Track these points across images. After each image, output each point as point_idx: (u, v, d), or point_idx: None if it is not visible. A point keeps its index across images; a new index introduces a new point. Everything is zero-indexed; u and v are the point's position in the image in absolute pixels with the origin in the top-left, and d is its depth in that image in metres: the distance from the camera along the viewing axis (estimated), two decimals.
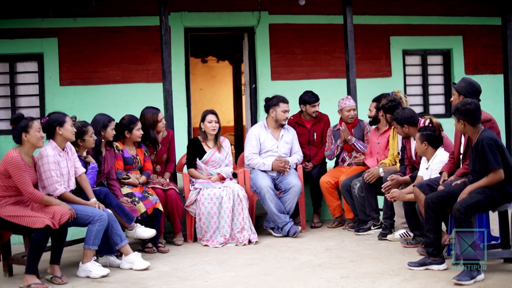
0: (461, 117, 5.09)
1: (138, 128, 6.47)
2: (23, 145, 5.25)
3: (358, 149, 7.17)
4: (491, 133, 5.06)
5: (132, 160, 6.47)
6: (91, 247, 5.44)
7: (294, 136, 7.31)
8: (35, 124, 5.24)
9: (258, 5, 9.24)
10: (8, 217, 5.18)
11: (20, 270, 5.46)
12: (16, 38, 8.53)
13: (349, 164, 7.30)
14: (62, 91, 8.56)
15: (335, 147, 7.27)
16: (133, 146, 6.55)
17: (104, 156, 6.15)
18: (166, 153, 6.88)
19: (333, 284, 4.98)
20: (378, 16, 9.60)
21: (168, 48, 7.19)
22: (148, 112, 6.70)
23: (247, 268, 5.60)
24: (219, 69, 14.71)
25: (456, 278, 4.83)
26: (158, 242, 6.37)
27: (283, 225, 6.74)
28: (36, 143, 5.26)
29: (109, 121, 6.17)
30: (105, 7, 8.67)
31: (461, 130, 5.19)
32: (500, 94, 8.76)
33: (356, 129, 7.32)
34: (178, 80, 8.78)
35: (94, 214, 5.43)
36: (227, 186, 6.69)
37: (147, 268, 5.57)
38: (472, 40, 10.04)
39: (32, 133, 5.21)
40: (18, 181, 5.12)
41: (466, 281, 4.79)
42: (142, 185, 6.44)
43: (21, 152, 5.22)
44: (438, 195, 5.20)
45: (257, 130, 7.26)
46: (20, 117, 5.26)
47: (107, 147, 6.25)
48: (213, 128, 6.90)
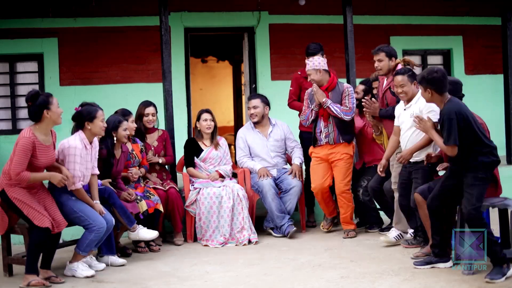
0: (428, 85, 5.05)
1: (132, 120, 6.45)
2: (42, 122, 5.12)
3: (335, 113, 6.47)
4: (455, 105, 4.99)
5: (129, 155, 6.42)
6: (81, 253, 5.42)
7: (287, 131, 7.18)
8: (55, 100, 5.16)
9: (258, 5, 9.23)
10: (16, 199, 5.09)
11: (20, 270, 5.45)
12: (16, 38, 8.52)
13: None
14: (62, 91, 8.54)
15: (309, 112, 6.64)
16: (128, 141, 6.47)
17: (118, 159, 6.12)
18: (163, 150, 6.88)
19: (333, 284, 4.98)
20: (378, 16, 9.59)
21: (168, 48, 7.19)
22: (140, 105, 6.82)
23: (247, 268, 5.60)
24: (219, 69, 14.70)
25: (489, 276, 4.82)
26: (150, 242, 6.39)
27: (281, 225, 6.74)
28: (57, 119, 5.17)
29: (119, 121, 6.10)
30: (105, 7, 8.66)
31: (429, 100, 5.14)
32: (500, 94, 8.76)
33: (334, 92, 6.58)
34: (178, 80, 8.77)
35: (94, 222, 5.38)
36: (227, 185, 6.70)
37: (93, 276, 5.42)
38: (472, 40, 10.03)
39: (53, 109, 5.12)
40: (15, 160, 5.01)
41: (498, 279, 4.80)
42: (143, 185, 6.44)
43: (37, 131, 5.10)
44: (435, 197, 5.18)
45: (243, 132, 7.23)
46: (37, 94, 5.13)
47: (123, 148, 6.22)
48: (208, 126, 6.92)
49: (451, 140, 4.91)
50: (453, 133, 4.90)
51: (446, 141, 4.94)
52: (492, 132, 5.44)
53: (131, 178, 6.35)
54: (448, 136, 4.92)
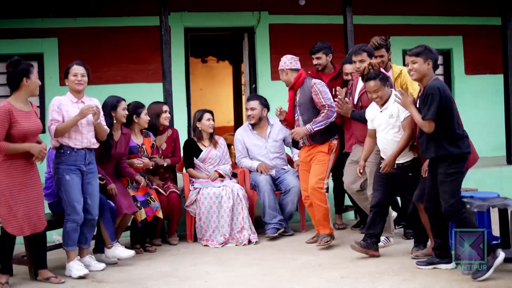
0: (430, 55, 4.97)
1: (146, 112, 6.44)
2: (20, 91, 5.03)
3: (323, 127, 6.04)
4: (440, 83, 4.95)
5: (137, 149, 6.38)
6: (66, 248, 5.40)
7: (286, 128, 6.77)
8: (35, 70, 5.11)
9: (258, 5, 9.24)
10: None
11: (21, 270, 5.46)
12: (16, 38, 8.53)
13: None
14: (62, 91, 8.42)
15: None
16: (140, 134, 6.49)
17: (117, 140, 6.05)
18: (171, 152, 6.87)
19: (333, 284, 4.98)
20: (378, 16, 9.60)
21: (168, 48, 7.20)
22: (154, 105, 6.76)
23: (247, 268, 5.60)
24: (219, 69, 14.71)
25: (474, 276, 4.84)
26: (146, 243, 6.41)
27: (269, 222, 6.63)
28: (34, 90, 5.11)
29: (118, 101, 6.08)
30: (105, 7, 8.67)
31: (424, 72, 4.97)
32: (500, 94, 8.76)
33: (301, 89, 6.19)
34: (178, 80, 8.77)
35: (70, 212, 5.34)
36: (226, 185, 6.70)
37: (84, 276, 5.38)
38: (472, 40, 10.04)
39: (33, 79, 5.06)
40: None
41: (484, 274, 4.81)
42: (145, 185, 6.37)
43: (14, 100, 5.00)
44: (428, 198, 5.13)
45: (240, 134, 7.21)
46: (19, 61, 5.05)
47: (123, 130, 6.17)
48: (211, 126, 6.93)
49: (429, 114, 4.85)
50: (433, 107, 4.85)
51: (425, 115, 4.88)
52: (492, 132, 5.45)
53: (135, 165, 6.27)
54: (427, 110, 4.87)
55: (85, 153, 5.47)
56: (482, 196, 5.39)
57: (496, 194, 5.53)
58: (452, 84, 10.02)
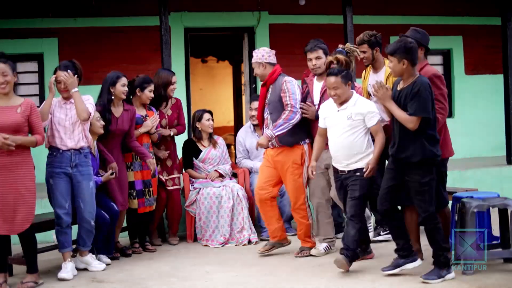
0: (404, 56, 4.73)
1: (151, 89, 6.30)
2: None
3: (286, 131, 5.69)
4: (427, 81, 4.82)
5: (141, 120, 6.26)
6: (60, 250, 5.40)
7: None
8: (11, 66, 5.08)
9: (258, 5, 9.24)
10: None
11: (20, 270, 5.46)
12: (16, 38, 8.53)
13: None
14: None
15: None
16: (142, 108, 6.36)
17: (118, 117, 5.93)
18: (176, 119, 6.80)
19: (333, 284, 4.98)
20: (378, 16, 9.59)
21: (168, 48, 7.20)
22: (163, 73, 6.65)
23: (247, 268, 5.60)
24: (219, 69, 14.70)
25: (424, 276, 4.83)
26: (146, 242, 6.40)
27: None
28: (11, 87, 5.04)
29: (117, 77, 5.97)
30: (105, 7, 8.67)
31: (400, 72, 4.80)
32: (500, 94, 8.76)
33: (273, 86, 5.88)
34: (178, 80, 8.75)
35: (54, 214, 5.32)
36: (226, 185, 6.70)
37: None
38: (472, 40, 10.04)
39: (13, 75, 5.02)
40: None
41: (433, 280, 4.79)
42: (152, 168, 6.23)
43: None
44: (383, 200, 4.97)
45: (241, 135, 7.20)
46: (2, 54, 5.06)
47: (126, 107, 6.06)
48: (211, 125, 6.92)
49: (424, 111, 4.68)
50: (428, 104, 4.71)
51: (418, 111, 4.67)
52: (492, 132, 5.43)
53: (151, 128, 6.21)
54: (422, 107, 4.68)
55: (71, 155, 5.37)
56: (482, 196, 5.38)
57: (496, 194, 5.52)
58: (452, 84, 10.02)
